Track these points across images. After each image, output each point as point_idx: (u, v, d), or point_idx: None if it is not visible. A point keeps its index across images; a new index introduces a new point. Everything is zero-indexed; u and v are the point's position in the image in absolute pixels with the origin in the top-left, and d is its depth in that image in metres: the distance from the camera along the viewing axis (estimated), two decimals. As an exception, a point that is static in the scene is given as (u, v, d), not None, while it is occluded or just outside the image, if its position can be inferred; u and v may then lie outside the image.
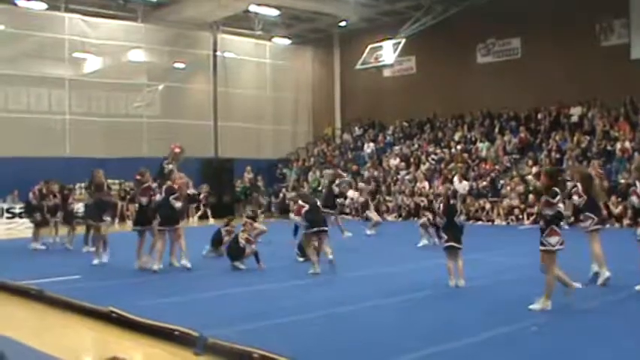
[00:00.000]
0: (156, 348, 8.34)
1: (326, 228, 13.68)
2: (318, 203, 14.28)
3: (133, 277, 13.29)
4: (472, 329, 8.35)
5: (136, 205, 15.26)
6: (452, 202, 11.51)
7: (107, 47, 32.06)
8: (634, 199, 10.67)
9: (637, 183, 10.72)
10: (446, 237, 11.37)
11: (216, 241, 16.23)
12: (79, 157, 28.96)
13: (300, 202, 14.17)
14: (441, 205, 11.80)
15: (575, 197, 11.24)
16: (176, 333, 8.32)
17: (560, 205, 9.10)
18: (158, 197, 13.86)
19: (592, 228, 11.00)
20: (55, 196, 19.52)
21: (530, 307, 9.17)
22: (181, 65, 35.32)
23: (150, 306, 9.96)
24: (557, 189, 9.14)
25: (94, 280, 12.86)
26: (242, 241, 14.03)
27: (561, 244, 9.11)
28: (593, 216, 11.01)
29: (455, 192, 15.38)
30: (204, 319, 8.91)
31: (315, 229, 13.46)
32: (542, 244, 9.18)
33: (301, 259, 15.03)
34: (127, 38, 32.78)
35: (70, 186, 21.21)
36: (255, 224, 15.50)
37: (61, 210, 19.39)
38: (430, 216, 16.92)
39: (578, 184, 11.28)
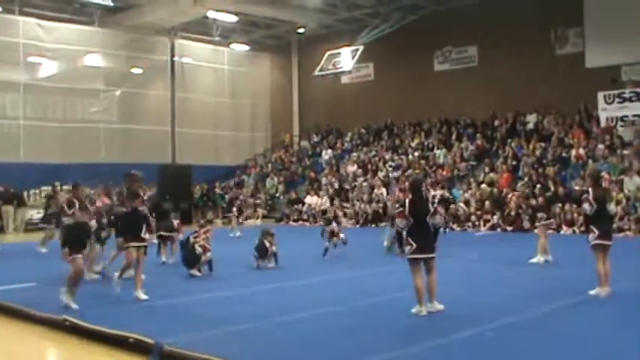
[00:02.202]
0: (110, 356, 8.21)
1: None
2: None
3: (89, 285, 13.04)
4: (431, 333, 8.44)
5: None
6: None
7: (63, 52, 31.62)
8: (586, 206, 10.80)
9: (590, 190, 10.86)
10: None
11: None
12: (33, 162, 28.57)
13: None
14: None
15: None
16: (131, 340, 8.21)
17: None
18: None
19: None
20: None
21: (412, 310, 9.51)
22: (139, 70, 35.00)
23: (106, 313, 9.85)
24: (405, 200, 9.89)
25: (49, 287, 12.57)
26: (198, 249, 13.96)
27: (414, 253, 9.50)
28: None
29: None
30: (162, 326, 8.83)
31: None
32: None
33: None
34: (83, 43, 32.31)
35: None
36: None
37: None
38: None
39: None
